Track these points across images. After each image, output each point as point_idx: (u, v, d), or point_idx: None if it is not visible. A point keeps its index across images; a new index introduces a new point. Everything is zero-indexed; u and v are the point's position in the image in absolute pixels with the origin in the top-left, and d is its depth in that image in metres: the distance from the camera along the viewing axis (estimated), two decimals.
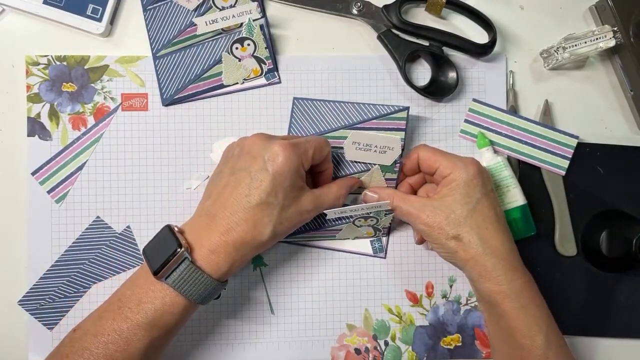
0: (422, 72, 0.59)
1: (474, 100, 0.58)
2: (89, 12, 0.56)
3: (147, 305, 0.44)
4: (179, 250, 0.44)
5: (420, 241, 0.57)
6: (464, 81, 0.59)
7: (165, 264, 0.44)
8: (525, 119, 0.58)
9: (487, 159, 0.56)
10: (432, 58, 0.58)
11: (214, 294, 0.47)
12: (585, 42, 0.56)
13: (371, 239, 0.58)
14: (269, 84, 0.58)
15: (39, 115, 0.56)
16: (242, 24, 0.56)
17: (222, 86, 0.57)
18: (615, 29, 0.57)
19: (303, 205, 0.49)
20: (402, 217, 0.53)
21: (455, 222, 0.49)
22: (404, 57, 0.57)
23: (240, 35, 0.56)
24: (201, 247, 0.45)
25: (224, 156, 0.51)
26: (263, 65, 0.57)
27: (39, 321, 0.55)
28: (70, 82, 0.56)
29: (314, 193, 0.50)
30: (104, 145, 0.56)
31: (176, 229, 0.47)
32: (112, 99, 0.57)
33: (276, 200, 0.46)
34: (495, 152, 0.57)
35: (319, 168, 0.53)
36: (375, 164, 0.55)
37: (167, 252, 0.44)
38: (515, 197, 0.55)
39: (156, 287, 0.45)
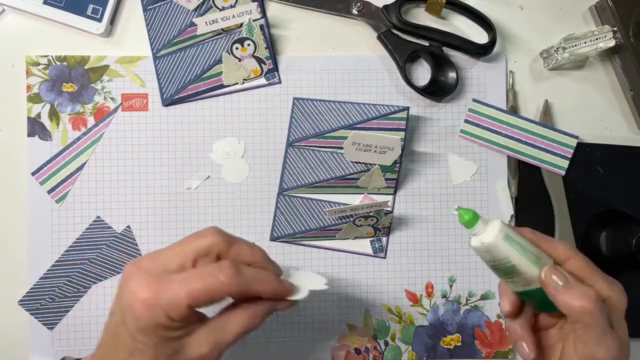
0: (422, 72, 0.59)
1: (474, 100, 0.58)
2: (89, 12, 0.56)
3: None
4: None
5: (511, 313, 0.42)
6: (464, 81, 0.59)
7: None
8: (525, 119, 0.58)
9: (491, 234, 0.38)
10: (432, 58, 0.58)
11: None
12: (585, 42, 0.56)
13: (371, 238, 0.58)
14: (269, 84, 0.58)
15: (39, 115, 0.56)
16: (242, 24, 0.56)
17: (222, 86, 0.57)
18: (615, 29, 0.57)
19: (193, 351, 0.37)
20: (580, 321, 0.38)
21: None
22: (404, 57, 0.57)
23: (240, 36, 0.56)
24: None
25: None
26: (263, 66, 0.57)
27: (39, 321, 0.55)
28: (70, 82, 0.56)
29: (209, 327, 0.38)
30: (104, 146, 0.56)
31: None
32: (112, 99, 0.57)
33: None
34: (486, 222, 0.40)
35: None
36: (375, 164, 0.55)
37: None
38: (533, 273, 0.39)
39: None
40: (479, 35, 0.59)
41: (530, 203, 0.57)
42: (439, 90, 0.58)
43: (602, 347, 0.37)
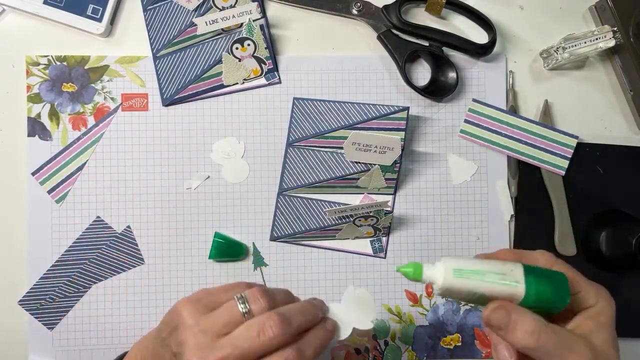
0: (422, 72, 0.59)
1: (474, 100, 0.58)
2: (89, 12, 0.56)
3: None
4: None
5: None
6: (463, 81, 0.59)
7: None
8: (525, 119, 0.58)
9: (440, 278, 0.36)
10: (432, 58, 0.58)
11: None
12: (585, 42, 0.56)
13: (371, 239, 0.58)
14: (269, 84, 0.58)
15: (39, 115, 0.56)
16: (242, 24, 0.56)
17: (222, 86, 0.57)
18: (615, 29, 0.57)
19: None
20: (538, 351, 0.35)
21: None
22: (404, 57, 0.57)
23: (240, 36, 0.56)
24: None
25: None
26: (263, 66, 0.57)
27: (39, 321, 0.55)
28: (70, 82, 0.56)
29: None
30: (104, 146, 0.56)
31: None
32: (112, 99, 0.57)
33: None
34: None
35: None
36: (375, 164, 0.55)
37: None
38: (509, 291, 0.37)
39: None
40: (479, 35, 0.59)
41: (530, 203, 0.57)
42: (439, 90, 0.58)
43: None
